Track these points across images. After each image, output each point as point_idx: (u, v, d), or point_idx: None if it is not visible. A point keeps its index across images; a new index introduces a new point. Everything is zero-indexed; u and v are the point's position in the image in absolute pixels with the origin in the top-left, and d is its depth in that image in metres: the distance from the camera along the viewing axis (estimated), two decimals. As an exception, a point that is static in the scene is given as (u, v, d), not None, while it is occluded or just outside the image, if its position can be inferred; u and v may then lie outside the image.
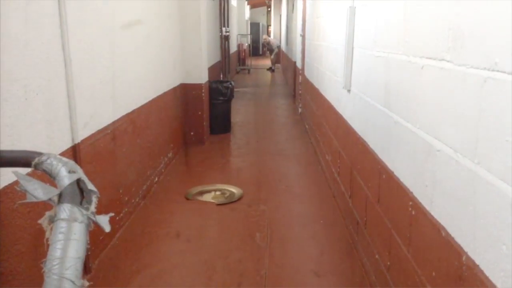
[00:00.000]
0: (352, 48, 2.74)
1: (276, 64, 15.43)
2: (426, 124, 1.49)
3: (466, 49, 1.21)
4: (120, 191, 2.94)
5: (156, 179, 3.85)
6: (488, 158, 1.08)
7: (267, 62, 16.64)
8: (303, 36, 6.54)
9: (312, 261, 2.58)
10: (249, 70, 14.45)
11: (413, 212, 1.58)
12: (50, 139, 2.03)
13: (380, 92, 2.06)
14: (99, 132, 2.57)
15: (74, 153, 2.24)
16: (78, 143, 2.26)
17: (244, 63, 15.17)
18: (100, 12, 2.58)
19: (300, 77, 6.92)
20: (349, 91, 2.82)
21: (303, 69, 6.52)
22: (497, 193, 1.02)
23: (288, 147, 5.15)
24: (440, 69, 1.37)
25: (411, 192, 1.63)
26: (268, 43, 15.42)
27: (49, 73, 2.00)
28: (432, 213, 1.41)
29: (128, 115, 3.09)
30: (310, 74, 5.40)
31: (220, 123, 5.76)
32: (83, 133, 2.34)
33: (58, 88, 2.09)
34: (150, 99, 3.69)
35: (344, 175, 3.01)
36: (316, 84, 4.71)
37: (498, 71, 1.04)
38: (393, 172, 1.85)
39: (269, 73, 14.36)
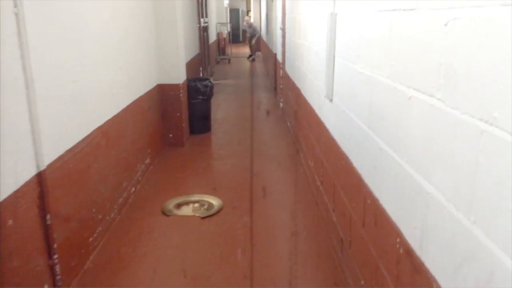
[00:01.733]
0: (334, 57, 2.62)
1: (256, 52, 14.94)
2: (415, 161, 1.39)
3: (460, 91, 1.10)
4: (93, 210, 2.79)
5: (133, 189, 3.70)
6: (485, 220, 0.98)
7: (247, 50, 16.32)
8: (283, 30, 6.38)
9: (296, 279, 2.49)
10: (229, 60, 14.22)
11: (401, 251, 1.49)
12: (11, 170, 1.87)
13: (364, 111, 1.96)
14: (68, 152, 2.41)
15: (40, 181, 2.08)
16: (44, 169, 2.10)
17: (224, 52, 14.92)
18: (66, 24, 2.39)
19: (281, 71, 6.78)
20: (331, 100, 2.71)
21: (283, 63, 6.38)
22: (498, 264, 0.92)
23: (270, 147, 5.04)
24: (430, 106, 1.26)
25: (398, 228, 1.53)
26: (250, 26, 14.72)
27: (7, 99, 1.83)
28: (422, 259, 1.32)
29: (100, 128, 2.93)
30: (291, 71, 5.27)
31: (200, 122, 5.61)
32: (50, 157, 2.18)
33: (18, 113, 1.92)
34: (124, 106, 3.52)
35: (327, 187, 2.92)
36: (297, 83, 4.59)
37: (497, 127, 0.93)
38: (378, 201, 1.75)
39: (249, 64, 14.14)
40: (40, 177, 2.08)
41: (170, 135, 5.03)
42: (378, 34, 1.75)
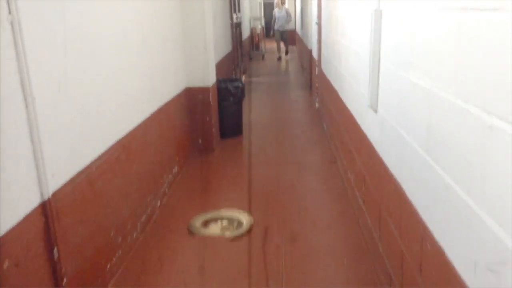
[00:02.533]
0: (379, 60, 2.25)
1: (287, 49, 13.32)
2: (499, 212, 1.03)
3: None
4: (112, 233, 2.56)
5: (159, 203, 3.47)
6: None
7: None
8: (319, 25, 5.99)
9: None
10: (263, 56, 13.88)
11: (478, 325, 1.14)
12: (9, 202, 1.64)
13: (420, 132, 1.60)
14: (80, 173, 2.17)
15: (45, 211, 1.85)
16: (49, 198, 1.87)
17: (258, 48, 14.59)
18: (75, 30, 2.15)
19: (317, 69, 6.39)
20: (375, 111, 2.34)
21: (319, 61, 5.99)
22: None
23: (306, 154, 4.69)
24: (528, 144, 0.91)
25: (472, 292, 1.18)
26: (282, 12, 12.31)
27: (4, 120, 1.59)
28: None
29: (120, 142, 2.69)
30: (328, 70, 4.89)
31: (231, 126, 5.33)
32: (56, 183, 1.95)
33: (17, 136, 1.69)
34: (148, 114, 3.28)
35: (371, 209, 2.56)
36: (334, 85, 4.21)
37: None
38: (443, 249, 1.40)
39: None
40: (44, 207, 1.85)
41: (200, 141, 4.78)
42: (440, 39, 1.38)
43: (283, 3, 12.90)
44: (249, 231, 3.09)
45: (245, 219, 3.23)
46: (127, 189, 2.81)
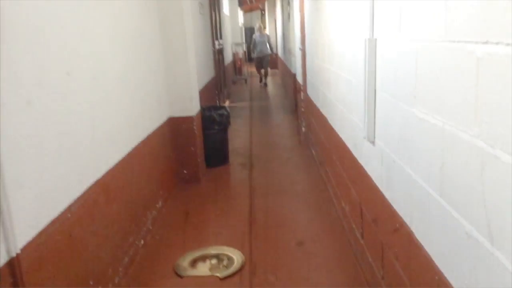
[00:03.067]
0: (374, 91, 2.13)
1: (268, 73, 12.79)
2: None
3: None
4: (91, 282, 2.33)
5: (142, 242, 3.24)
6: None
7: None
8: (302, 51, 5.93)
9: None
10: (246, 80, 13.84)
11: None
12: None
13: (431, 172, 1.45)
14: (54, 222, 1.96)
15: (12, 269, 1.64)
16: (18, 254, 1.66)
17: (240, 73, 14.56)
18: (45, 64, 1.97)
19: (302, 94, 6.31)
20: (372, 143, 2.21)
21: (305, 86, 5.90)
22: None
23: (295, 182, 4.53)
24: None
25: None
26: (262, 37, 11.88)
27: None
28: None
29: (98, 182, 2.49)
30: (315, 96, 4.79)
31: (216, 154, 5.16)
32: (26, 236, 1.74)
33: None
34: (129, 149, 3.09)
35: (372, 246, 2.40)
36: (323, 111, 4.10)
37: None
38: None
39: (268, 82, 13.70)
40: (11, 265, 1.63)
41: (185, 171, 4.59)
42: (454, 74, 1.26)
43: (264, 27, 12.80)
44: (241, 269, 2.89)
45: (235, 256, 3.03)
46: (107, 232, 2.59)
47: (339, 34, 3.09)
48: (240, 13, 18.99)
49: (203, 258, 3.06)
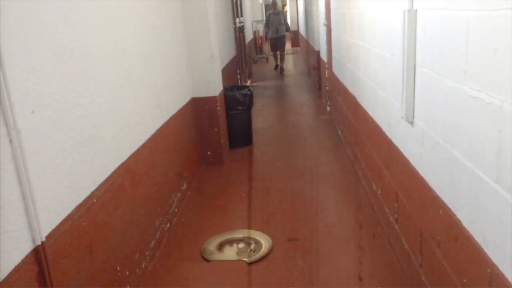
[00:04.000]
0: (414, 67, 1.97)
1: (284, 57, 11.09)
2: None
3: None
4: (118, 268, 2.29)
5: (168, 225, 3.20)
6: None
7: (286, 46, 15.44)
8: (327, 26, 5.71)
9: None
10: (267, 59, 13.60)
11: None
12: (-7, 254, 1.38)
13: (485, 156, 1.32)
14: (79, 208, 1.91)
15: (38, 257, 1.59)
16: (42, 242, 1.60)
17: (261, 51, 14.31)
18: (67, 49, 1.88)
19: (327, 71, 6.11)
20: (411, 123, 2.06)
21: (330, 63, 5.71)
22: None
23: (320, 163, 4.41)
24: None
25: None
26: (277, 14, 10.28)
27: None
28: None
29: (123, 165, 2.43)
30: (341, 73, 4.61)
31: (240, 135, 5.06)
32: (51, 224, 1.69)
33: (1, 176, 1.42)
34: (154, 131, 3.02)
35: (408, 231, 2.28)
36: (351, 90, 3.93)
37: None
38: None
39: (290, 61, 13.43)
40: (37, 253, 1.58)
41: (208, 153, 4.52)
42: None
43: (277, 4, 10.70)
44: (268, 254, 2.81)
45: (263, 240, 2.95)
46: (133, 216, 2.55)
47: (370, 6, 2.91)
48: (260, -10, 18.60)
49: (230, 242, 3.00)
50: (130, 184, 2.52)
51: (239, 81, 8.13)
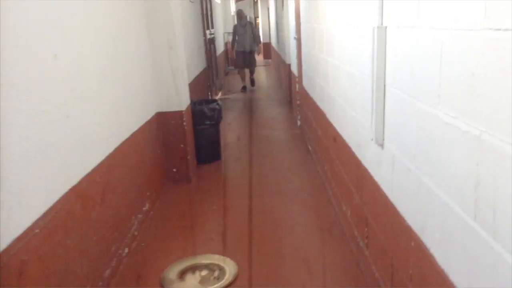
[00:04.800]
0: (384, 87, 1.87)
1: (253, 77, 10.01)
2: None
3: None
4: (64, 305, 2.07)
5: (126, 250, 2.98)
6: None
7: (259, 58, 15.41)
8: (297, 40, 5.64)
9: None
10: (238, 71, 13.48)
11: None
12: None
13: (464, 192, 1.20)
14: (17, 241, 1.70)
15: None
16: (-34, 286, 1.39)
17: (233, 63, 14.19)
18: (14, 65, 1.69)
19: (297, 85, 6.04)
20: (381, 146, 1.96)
21: (300, 77, 5.63)
22: None
23: (291, 180, 4.28)
24: None
25: None
26: (244, 26, 9.23)
27: None
28: None
29: (73, 189, 2.22)
30: (311, 88, 4.52)
31: (208, 150, 4.89)
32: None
33: None
34: (111, 150, 2.82)
35: (379, 260, 2.16)
36: (321, 105, 3.84)
37: None
38: None
39: (261, 73, 13.38)
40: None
41: (174, 170, 4.32)
42: (498, 70, 1.00)
43: (242, 15, 9.56)
44: (233, 282, 2.64)
45: (227, 266, 2.78)
46: (84, 245, 2.33)
47: (339, 21, 2.82)
48: (232, 1, 18.58)
49: (193, 269, 2.81)
50: (81, 209, 2.31)
51: (209, 93, 7.97)
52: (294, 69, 6.36)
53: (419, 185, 1.52)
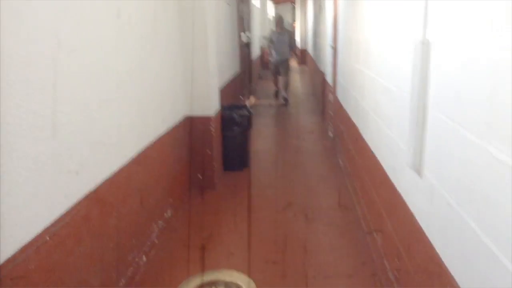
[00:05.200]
0: (424, 109, 1.70)
1: (287, 93, 8.93)
2: None
3: None
4: (73, 316, 2.00)
5: (144, 258, 2.90)
6: None
7: (293, 63, 15.20)
8: (334, 48, 5.47)
9: None
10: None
11: None
12: None
13: None
14: (26, 248, 1.63)
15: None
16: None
17: (268, 67, 14.10)
18: (34, 60, 1.63)
19: (331, 95, 5.85)
20: (419, 174, 1.78)
21: (334, 88, 5.45)
22: None
23: (318, 195, 4.11)
24: None
25: None
26: (281, 34, 8.53)
27: None
28: None
29: (90, 195, 2.15)
30: (345, 100, 4.34)
31: (236, 158, 4.78)
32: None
33: None
34: (135, 153, 2.75)
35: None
36: (355, 120, 3.66)
37: None
38: None
39: (296, 80, 13.20)
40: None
41: (200, 176, 4.24)
42: None
43: (282, 22, 8.89)
44: (251, 302, 2.51)
45: (245, 286, 2.65)
46: (100, 252, 2.26)
47: (379, 32, 2.65)
48: (270, 5, 18.51)
49: (210, 285, 2.70)
50: (98, 216, 2.24)
51: (242, 98, 7.89)
52: (328, 78, 6.18)
53: (460, 226, 1.34)
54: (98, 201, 2.24)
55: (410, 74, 1.83)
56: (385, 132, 2.42)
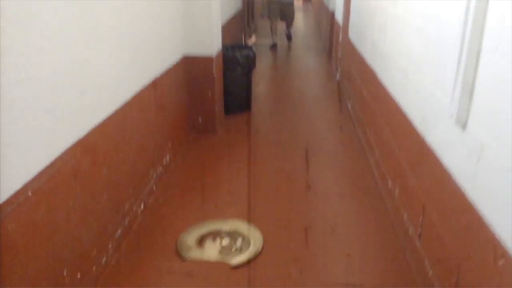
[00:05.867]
0: (478, 53, 1.41)
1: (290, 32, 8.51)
2: None
3: None
4: (65, 272, 1.82)
5: (142, 206, 2.72)
6: None
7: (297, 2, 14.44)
8: (347, -17, 5.01)
9: None
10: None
11: None
12: None
13: None
14: (11, 200, 1.41)
15: None
16: None
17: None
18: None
19: (341, 36, 5.47)
20: (463, 126, 1.52)
21: (346, 27, 5.06)
22: None
23: (325, 140, 3.89)
24: None
25: None
26: None
27: None
28: None
29: (80, 142, 1.90)
30: (359, 41, 4.00)
31: (238, 100, 4.52)
32: None
33: None
34: (130, 96, 2.48)
35: (434, 257, 1.79)
36: (372, 63, 3.35)
37: None
38: None
39: (299, 19, 12.56)
40: None
41: (200, 120, 3.98)
42: None
43: None
44: (258, 255, 2.35)
45: (252, 236, 2.49)
46: (92, 205, 2.05)
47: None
48: None
49: (213, 235, 2.53)
50: (90, 165, 2.00)
51: (243, 37, 7.44)
52: (339, 17, 5.75)
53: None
54: (89, 150, 2.00)
55: (458, 11, 1.52)
56: (414, 79, 2.14)
